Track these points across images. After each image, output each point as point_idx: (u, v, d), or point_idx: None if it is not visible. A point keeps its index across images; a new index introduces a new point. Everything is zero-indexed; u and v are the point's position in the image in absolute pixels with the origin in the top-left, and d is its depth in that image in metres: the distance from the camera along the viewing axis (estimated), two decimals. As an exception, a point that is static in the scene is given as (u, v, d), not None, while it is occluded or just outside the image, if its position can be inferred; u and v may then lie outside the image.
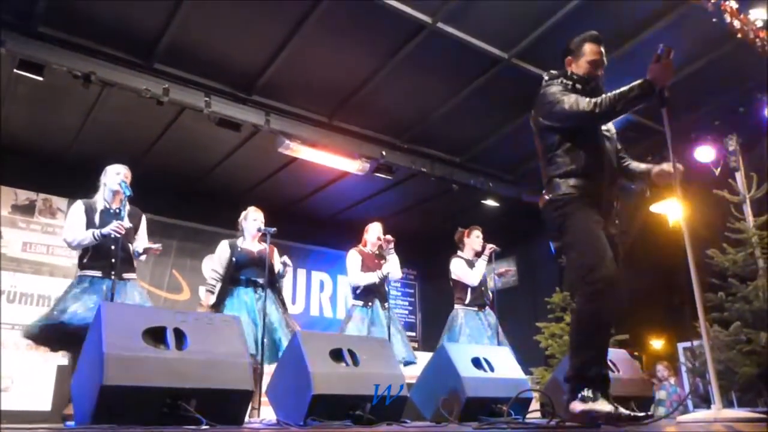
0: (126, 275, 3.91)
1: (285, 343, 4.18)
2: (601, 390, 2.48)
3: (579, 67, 2.87)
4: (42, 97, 5.82)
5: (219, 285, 4.49)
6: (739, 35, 4.64)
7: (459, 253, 5.45)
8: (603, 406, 2.41)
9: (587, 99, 2.67)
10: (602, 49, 2.88)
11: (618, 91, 2.62)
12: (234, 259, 4.49)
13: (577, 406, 2.46)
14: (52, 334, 3.64)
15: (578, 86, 2.81)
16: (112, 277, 3.76)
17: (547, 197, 2.78)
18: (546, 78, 2.94)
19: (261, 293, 4.39)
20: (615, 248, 2.70)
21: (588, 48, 2.87)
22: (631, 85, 2.60)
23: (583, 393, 2.47)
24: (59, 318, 3.57)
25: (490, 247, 5.33)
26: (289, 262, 4.68)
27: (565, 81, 2.84)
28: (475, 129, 7.02)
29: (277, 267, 4.65)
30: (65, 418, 3.58)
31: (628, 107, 2.65)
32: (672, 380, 7.56)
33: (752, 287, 5.37)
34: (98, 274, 3.82)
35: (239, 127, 6.10)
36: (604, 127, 2.88)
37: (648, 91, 2.59)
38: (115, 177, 3.99)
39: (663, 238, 6.07)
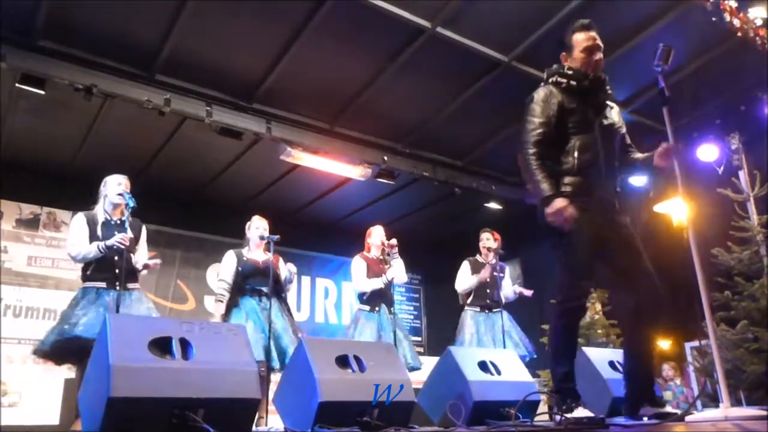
0: (130, 285, 3.93)
1: (291, 349, 4.19)
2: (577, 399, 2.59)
3: (574, 59, 2.82)
4: (44, 110, 5.84)
5: (228, 295, 4.52)
6: (739, 34, 4.65)
7: (477, 256, 5.53)
8: (585, 412, 2.50)
9: (535, 140, 2.74)
10: (594, 34, 2.82)
11: (538, 172, 2.70)
12: (240, 268, 4.53)
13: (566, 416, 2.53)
14: (66, 348, 3.65)
15: (573, 83, 2.75)
16: (117, 288, 3.77)
17: None
18: (544, 76, 2.90)
19: (266, 302, 4.42)
20: (626, 240, 2.69)
21: (578, 37, 2.82)
22: (543, 183, 2.65)
23: (567, 404, 2.57)
24: (73, 331, 3.58)
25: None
26: (294, 268, 4.70)
27: (558, 79, 2.79)
28: (476, 132, 7.01)
29: (284, 274, 4.68)
30: None
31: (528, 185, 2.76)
32: (678, 380, 7.53)
33: (758, 285, 5.35)
34: (103, 285, 3.84)
35: (241, 135, 6.12)
36: (605, 121, 2.84)
37: (537, 198, 2.64)
38: (116, 188, 4.01)
39: (667, 237, 6.05)
